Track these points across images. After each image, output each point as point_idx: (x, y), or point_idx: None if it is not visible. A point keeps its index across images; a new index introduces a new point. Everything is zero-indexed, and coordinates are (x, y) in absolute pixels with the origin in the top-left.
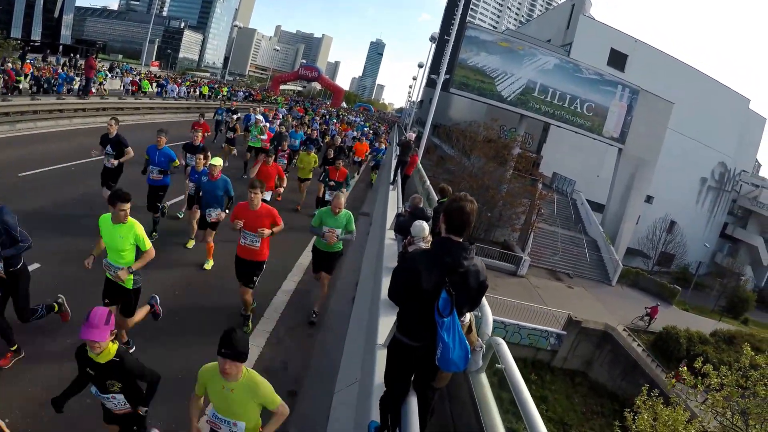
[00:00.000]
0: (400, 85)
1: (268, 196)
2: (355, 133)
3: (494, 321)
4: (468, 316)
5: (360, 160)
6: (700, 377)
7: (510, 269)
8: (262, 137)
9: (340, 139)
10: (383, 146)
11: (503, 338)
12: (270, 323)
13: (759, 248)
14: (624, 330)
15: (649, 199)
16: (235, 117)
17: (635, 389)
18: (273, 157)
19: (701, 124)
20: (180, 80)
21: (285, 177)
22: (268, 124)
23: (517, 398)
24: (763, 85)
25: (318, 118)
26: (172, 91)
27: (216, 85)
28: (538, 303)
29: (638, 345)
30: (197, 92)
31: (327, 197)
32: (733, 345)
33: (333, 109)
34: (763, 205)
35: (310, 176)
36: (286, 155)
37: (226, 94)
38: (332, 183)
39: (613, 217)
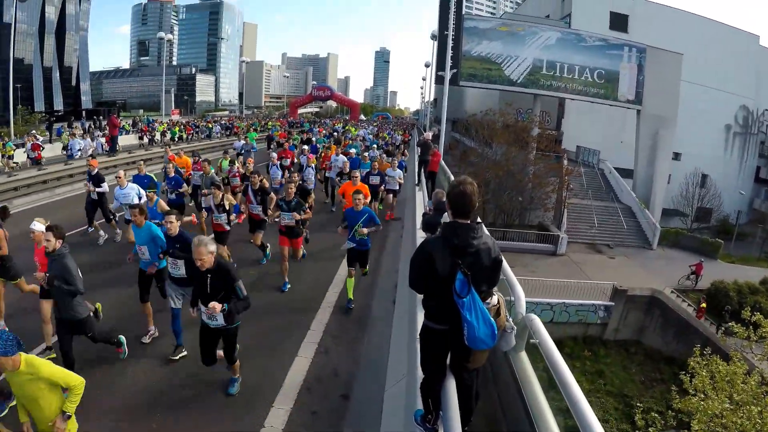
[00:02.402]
0: (412, 87)
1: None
2: (353, 151)
3: (540, 303)
4: (495, 298)
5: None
6: (751, 327)
7: (549, 249)
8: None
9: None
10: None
11: (551, 319)
12: (317, 335)
13: None
14: (672, 292)
15: (676, 156)
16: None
17: (691, 350)
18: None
19: (715, 71)
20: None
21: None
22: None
23: (552, 370)
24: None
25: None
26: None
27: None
28: (582, 278)
29: (688, 305)
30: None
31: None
32: None
33: (337, 125)
34: None
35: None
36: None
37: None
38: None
39: (643, 180)
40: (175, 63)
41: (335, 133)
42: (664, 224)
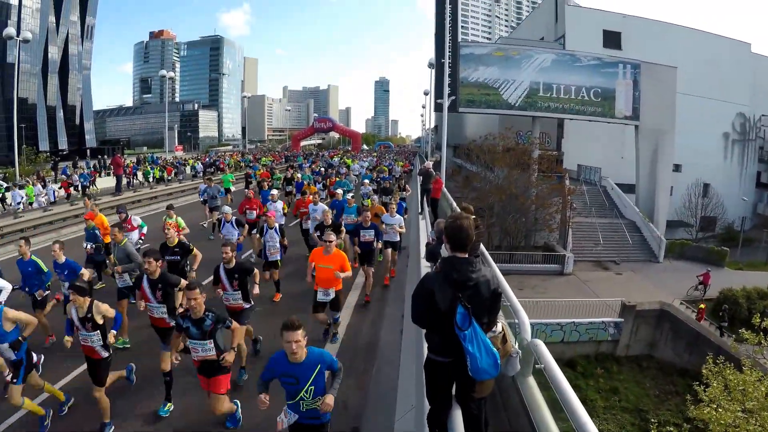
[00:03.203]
0: (413, 115)
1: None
2: (339, 192)
3: (550, 324)
4: (500, 326)
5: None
6: (762, 333)
7: (556, 270)
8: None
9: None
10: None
11: (562, 339)
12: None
13: None
14: (681, 303)
15: (677, 167)
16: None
17: (703, 360)
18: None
19: (709, 81)
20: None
21: None
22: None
23: (558, 394)
24: (760, 26)
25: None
26: (199, 171)
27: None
28: (590, 296)
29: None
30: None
31: None
32: None
33: (335, 157)
34: None
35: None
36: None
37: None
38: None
39: (645, 194)
40: (177, 99)
41: (328, 169)
42: (669, 236)
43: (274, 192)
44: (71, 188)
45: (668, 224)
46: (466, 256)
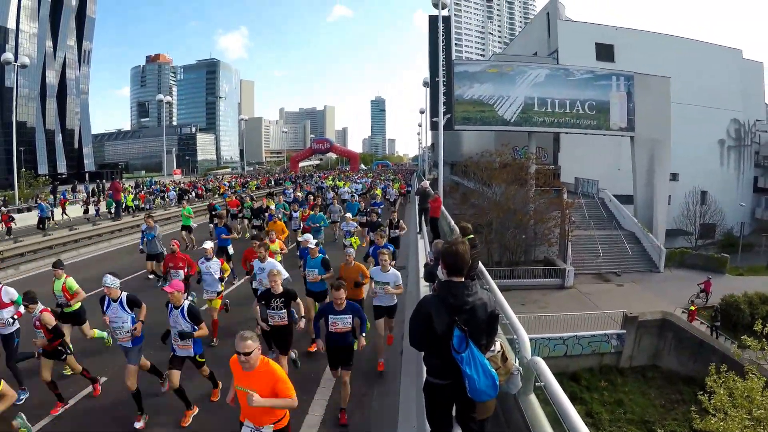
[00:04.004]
0: (409, 134)
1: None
2: (308, 240)
3: (553, 338)
4: (498, 344)
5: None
6: (765, 339)
7: (557, 283)
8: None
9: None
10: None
11: (565, 352)
12: (327, 391)
13: None
14: (683, 312)
15: (674, 176)
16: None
17: (708, 368)
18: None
19: (703, 89)
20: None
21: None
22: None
23: (558, 411)
24: (751, 32)
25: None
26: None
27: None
28: (592, 309)
29: (701, 323)
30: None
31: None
32: None
33: (326, 180)
34: None
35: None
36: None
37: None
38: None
39: (643, 204)
40: (175, 123)
41: (308, 195)
42: (669, 245)
43: (208, 246)
44: (12, 222)
45: (667, 233)
46: (462, 279)
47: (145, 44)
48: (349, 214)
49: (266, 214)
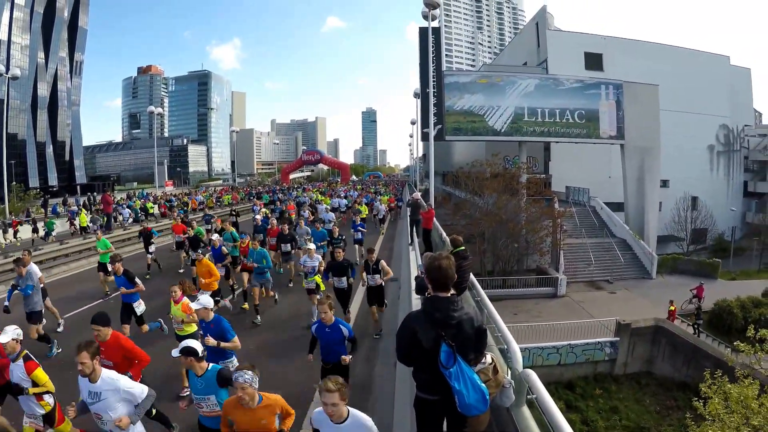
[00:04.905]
0: (401, 145)
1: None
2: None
3: (546, 347)
4: (489, 356)
5: None
6: (758, 344)
7: (550, 292)
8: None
9: None
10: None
11: (559, 361)
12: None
13: None
14: (676, 318)
15: (664, 183)
16: None
17: (702, 373)
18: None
19: (691, 96)
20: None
21: None
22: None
23: (550, 424)
24: (737, 38)
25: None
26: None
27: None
28: (585, 317)
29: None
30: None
31: None
32: None
33: (310, 193)
34: None
35: None
36: None
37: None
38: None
39: (634, 211)
40: (166, 134)
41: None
42: (661, 251)
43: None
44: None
45: (659, 239)
46: (448, 295)
47: (137, 55)
48: (312, 245)
49: (208, 246)
